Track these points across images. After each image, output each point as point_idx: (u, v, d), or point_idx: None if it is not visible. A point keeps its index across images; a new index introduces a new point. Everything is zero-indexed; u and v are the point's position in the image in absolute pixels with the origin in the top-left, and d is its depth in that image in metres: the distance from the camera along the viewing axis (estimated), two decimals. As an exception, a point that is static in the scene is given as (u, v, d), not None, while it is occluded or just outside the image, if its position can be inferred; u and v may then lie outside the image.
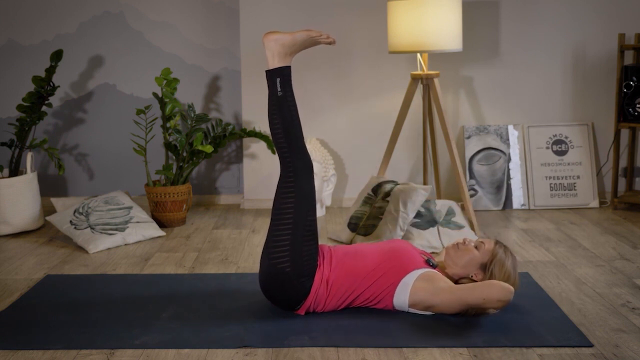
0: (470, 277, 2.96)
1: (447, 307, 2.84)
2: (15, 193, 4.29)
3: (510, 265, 2.95)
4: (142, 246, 4.06)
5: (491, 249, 2.97)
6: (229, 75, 4.97)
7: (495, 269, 2.92)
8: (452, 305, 2.83)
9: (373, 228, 3.97)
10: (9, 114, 4.93)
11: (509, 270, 2.94)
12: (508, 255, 2.97)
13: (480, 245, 2.98)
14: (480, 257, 2.96)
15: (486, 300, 2.76)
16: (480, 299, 2.77)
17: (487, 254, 2.96)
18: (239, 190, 5.10)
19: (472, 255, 2.96)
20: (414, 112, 4.74)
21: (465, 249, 2.99)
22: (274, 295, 2.97)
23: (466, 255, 2.97)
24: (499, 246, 2.99)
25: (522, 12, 4.81)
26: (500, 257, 2.94)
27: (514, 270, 2.96)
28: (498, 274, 2.92)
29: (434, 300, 2.85)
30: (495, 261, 2.93)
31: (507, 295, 2.76)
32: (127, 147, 4.88)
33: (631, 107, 4.60)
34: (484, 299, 2.76)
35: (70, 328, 2.87)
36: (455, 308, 2.84)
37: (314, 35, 2.97)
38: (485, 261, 2.95)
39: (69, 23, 4.90)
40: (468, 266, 2.96)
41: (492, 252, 2.96)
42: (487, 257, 2.95)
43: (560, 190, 4.82)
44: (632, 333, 2.76)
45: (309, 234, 2.91)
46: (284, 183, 2.94)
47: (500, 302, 2.76)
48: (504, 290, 2.76)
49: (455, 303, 2.82)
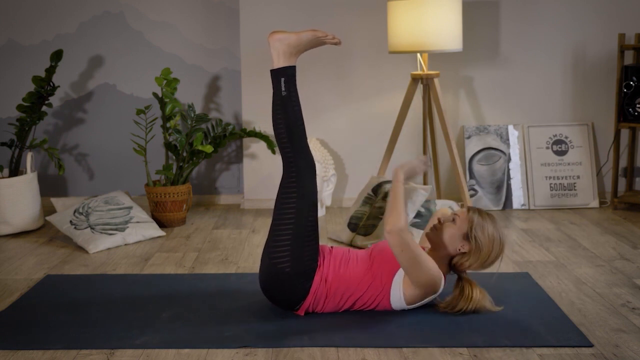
0: (458, 251, 2.95)
1: (420, 275, 2.84)
2: (15, 193, 4.29)
3: (491, 225, 2.94)
4: (142, 246, 4.06)
5: (466, 217, 2.96)
6: (229, 75, 4.97)
7: (478, 234, 2.92)
8: (417, 272, 2.83)
9: (373, 228, 3.97)
10: (9, 114, 4.93)
11: (491, 231, 2.93)
12: (484, 217, 2.96)
13: (456, 218, 2.97)
14: (459, 228, 2.94)
15: (400, 246, 2.79)
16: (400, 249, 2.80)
17: (464, 223, 2.94)
18: (239, 190, 5.10)
19: (451, 231, 2.95)
20: (414, 112, 4.74)
21: (442, 227, 2.98)
22: (273, 295, 2.97)
23: (446, 232, 2.96)
24: (473, 211, 2.97)
25: (522, 12, 4.81)
26: (477, 222, 2.93)
27: (497, 230, 2.95)
28: (482, 238, 2.91)
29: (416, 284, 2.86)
30: (474, 227, 2.92)
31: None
32: (127, 147, 4.88)
33: (631, 107, 4.60)
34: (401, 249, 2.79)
35: (70, 328, 2.87)
36: (419, 269, 2.83)
37: (319, 35, 2.96)
38: (465, 230, 2.93)
39: (69, 23, 4.90)
40: (451, 242, 2.95)
41: (469, 220, 2.94)
42: (465, 226, 2.94)
43: (560, 190, 4.82)
44: (632, 333, 2.76)
45: (310, 234, 2.92)
46: (287, 183, 2.94)
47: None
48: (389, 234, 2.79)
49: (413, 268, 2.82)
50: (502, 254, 2.96)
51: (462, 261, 2.94)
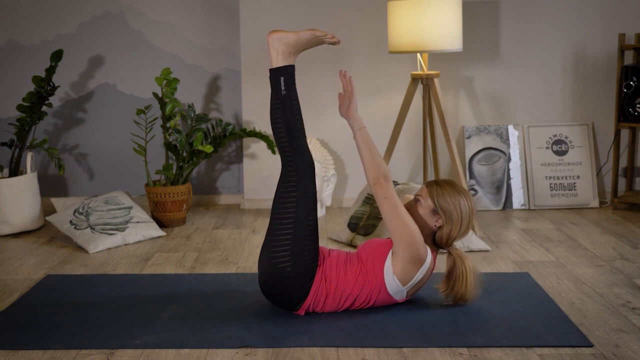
0: (435, 227, 2.96)
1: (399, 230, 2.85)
2: (15, 193, 4.29)
3: (451, 190, 2.95)
4: (142, 246, 4.06)
5: (427, 192, 2.97)
6: (229, 75, 4.97)
7: (442, 204, 2.93)
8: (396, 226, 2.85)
9: (373, 228, 3.97)
10: (9, 114, 4.93)
11: (453, 196, 2.94)
12: (442, 185, 2.97)
13: (419, 198, 2.99)
14: (425, 207, 2.96)
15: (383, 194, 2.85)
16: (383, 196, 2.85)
17: (427, 199, 2.96)
18: (239, 190, 5.10)
19: (420, 212, 2.96)
20: (414, 112, 4.74)
21: (411, 211, 2.97)
22: (273, 295, 2.97)
23: (415, 215, 2.96)
24: (430, 185, 2.99)
25: (522, 12, 4.81)
26: (436, 191, 2.95)
27: (458, 192, 2.96)
28: (448, 205, 2.92)
29: (400, 246, 2.85)
30: (436, 199, 2.94)
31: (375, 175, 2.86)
32: (127, 147, 4.88)
33: (631, 107, 4.60)
34: (384, 196, 2.85)
35: (70, 328, 2.87)
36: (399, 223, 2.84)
37: (318, 34, 2.97)
38: (432, 206, 2.94)
39: (69, 23, 4.90)
40: (425, 222, 2.95)
41: (430, 194, 2.95)
42: (429, 200, 2.95)
43: (560, 190, 4.82)
44: (632, 333, 2.76)
45: (310, 234, 2.91)
46: (286, 182, 2.94)
47: (380, 179, 2.85)
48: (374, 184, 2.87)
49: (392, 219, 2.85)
50: (473, 213, 2.98)
51: (443, 234, 2.95)
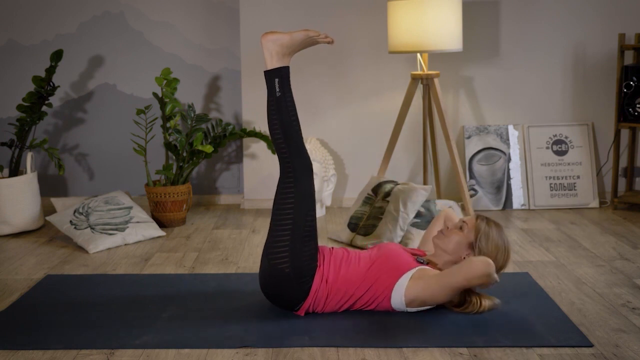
0: (462, 259, 2.94)
1: (439, 297, 2.84)
2: (15, 193, 4.29)
3: (496, 235, 2.93)
4: (142, 246, 4.06)
5: (474, 224, 2.95)
6: (229, 75, 4.97)
7: (482, 243, 2.91)
8: (442, 294, 2.82)
9: (373, 228, 3.97)
10: (9, 114, 4.93)
11: (495, 241, 2.92)
12: (491, 226, 2.95)
13: (464, 226, 2.97)
14: (466, 236, 2.95)
15: (468, 279, 2.75)
16: (464, 280, 2.76)
17: (471, 231, 2.95)
18: (239, 190, 5.10)
19: (458, 239, 2.95)
20: (414, 112, 4.74)
21: (449, 234, 2.98)
22: (273, 296, 2.97)
23: (452, 239, 2.96)
24: (481, 220, 2.97)
25: (522, 12, 4.81)
26: (484, 230, 2.93)
27: (502, 239, 2.94)
28: (486, 248, 2.91)
29: (426, 294, 2.85)
30: (479, 236, 2.92)
31: (487, 268, 2.73)
32: (127, 147, 4.88)
33: (631, 107, 4.60)
34: (466, 279, 2.75)
35: (70, 328, 2.87)
36: (447, 295, 2.82)
37: (312, 34, 2.97)
38: (472, 239, 2.94)
39: (69, 23, 4.90)
40: (457, 250, 2.95)
41: (476, 228, 2.94)
42: (472, 234, 2.94)
43: (560, 190, 4.82)
44: (632, 333, 2.76)
45: (309, 234, 2.91)
46: (284, 183, 2.94)
47: (484, 276, 2.73)
48: (482, 264, 2.74)
49: (444, 291, 2.81)
50: (506, 264, 2.96)
51: None
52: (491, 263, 2.76)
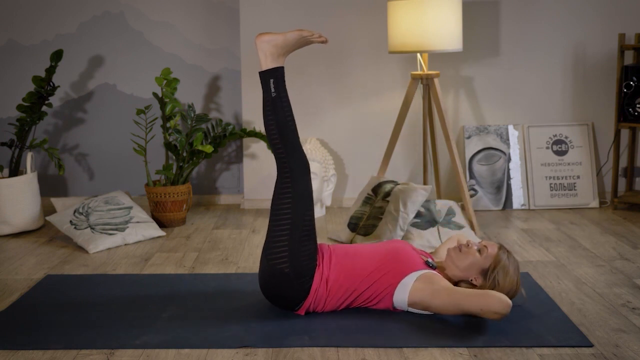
0: (469, 281, 2.94)
1: (444, 309, 2.83)
2: (15, 193, 4.29)
3: (514, 273, 2.91)
4: (142, 246, 4.06)
5: (494, 254, 2.93)
6: (229, 75, 4.97)
7: (499, 276, 2.89)
8: (448, 308, 2.82)
9: (373, 228, 3.97)
10: (9, 114, 4.93)
11: (512, 279, 2.91)
12: (511, 261, 2.93)
13: (483, 250, 2.95)
14: (482, 261, 2.93)
15: (483, 310, 2.73)
16: (477, 309, 2.75)
17: (489, 259, 2.92)
18: (239, 190, 5.10)
19: (474, 259, 2.93)
20: (414, 112, 4.74)
21: (467, 252, 2.96)
22: (273, 296, 2.97)
23: (468, 258, 2.94)
24: (503, 252, 2.94)
25: (522, 12, 4.81)
26: (504, 264, 2.91)
27: (517, 276, 2.93)
28: (502, 282, 2.89)
29: (432, 302, 2.84)
30: (498, 268, 2.90)
31: (505, 309, 2.72)
32: (127, 147, 4.88)
33: (631, 107, 4.60)
34: (481, 309, 2.74)
35: (70, 328, 2.87)
36: (451, 311, 2.83)
37: (305, 34, 2.97)
38: (487, 267, 2.91)
39: (69, 23, 4.90)
40: (469, 270, 2.94)
41: (495, 259, 2.91)
42: (488, 262, 2.92)
43: (560, 190, 4.82)
44: (632, 333, 2.76)
45: (307, 233, 2.91)
46: (281, 183, 2.94)
47: (497, 314, 2.72)
48: (502, 303, 2.72)
49: (452, 307, 2.81)
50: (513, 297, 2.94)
51: (466, 287, 2.93)
52: (510, 305, 2.73)
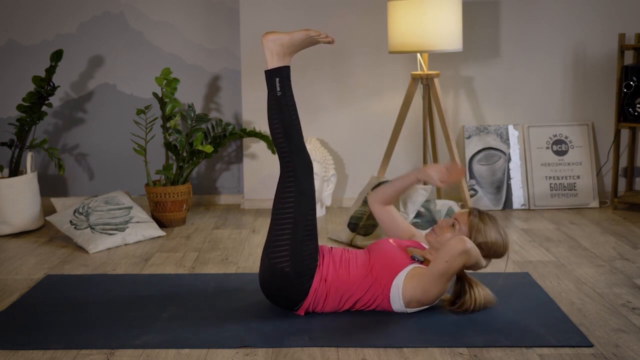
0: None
1: (432, 290, 2.83)
2: (15, 193, 4.29)
3: (490, 229, 2.92)
4: (142, 246, 4.06)
5: (466, 221, 2.94)
6: (229, 75, 4.97)
7: (478, 239, 2.90)
8: (433, 286, 2.82)
9: (373, 228, 3.97)
10: (9, 114, 4.93)
11: (490, 235, 2.91)
12: (485, 219, 2.93)
13: (456, 223, 2.95)
14: (459, 234, 2.92)
15: (449, 260, 2.75)
16: (444, 263, 2.76)
17: (464, 227, 2.93)
18: (239, 190, 5.10)
19: (449, 237, 2.93)
20: (414, 112, 4.74)
21: (441, 232, 2.95)
22: (273, 295, 2.97)
23: (445, 237, 2.93)
24: (474, 216, 2.95)
25: (522, 12, 4.81)
26: (477, 227, 2.91)
27: (497, 231, 2.93)
28: (483, 243, 2.89)
29: (419, 292, 2.84)
30: (474, 234, 2.90)
31: (462, 245, 2.74)
32: (127, 147, 4.88)
33: (631, 107, 4.60)
34: (446, 261, 2.76)
35: (70, 328, 2.87)
36: (437, 286, 2.82)
37: (312, 34, 2.97)
38: (466, 235, 2.91)
39: (69, 23, 4.90)
40: None
41: (469, 225, 2.92)
42: (465, 230, 2.93)
43: (560, 190, 4.82)
44: (632, 333, 2.76)
45: (309, 233, 2.91)
46: (284, 183, 2.94)
47: (462, 254, 2.75)
48: (456, 241, 2.75)
49: (433, 282, 2.81)
50: (504, 253, 2.97)
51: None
52: (464, 239, 2.77)
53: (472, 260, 2.81)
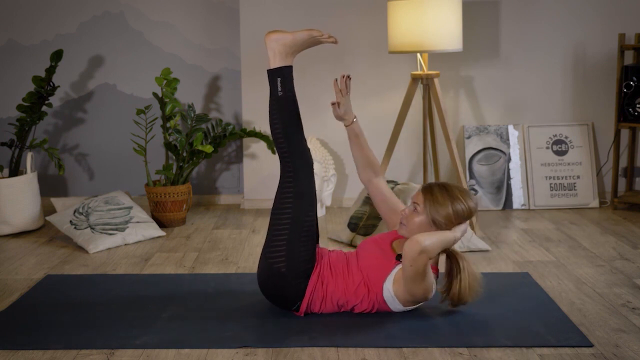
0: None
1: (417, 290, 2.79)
2: (15, 193, 4.29)
3: (442, 195, 2.83)
4: (142, 246, 4.06)
5: (422, 199, 2.85)
6: (229, 75, 4.97)
7: (435, 213, 2.82)
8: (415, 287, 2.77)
9: (373, 228, 3.97)
10: (9, 114, 4.93)
11: (443, 202, 2.82)
12: (434, 192, 2.84)
13: (416, 205, 2.87)
14: (422, 216, 2.85)
15: (413, 264, 2.69)
16: (410, 268, 2.70)
17: (423, 207, 2.85)
18: (239, 190, 5.10)
19: (418, 220, 2.86)
20: (414, 112, 4.74)
21: (407, 220, 2.88)
22: (271, 295, 2.97)
23: (414, 224, 2.86)
24: (425, 192, 2.86)
25: (522, 12, 4.81)
26: (430, 200, 2.83)
27: (450, 195, 2.83)
28: (440, 214, 2.81)
29: (406, 293, 2.82)
30: (430, 213, 2.82)
31: (415, 245, 2.67)
32: (127, 147, 4.88)
33: (631, 107, 4.60)
34: (410, 265, 2.70)
35: (70, 328, 2.87)
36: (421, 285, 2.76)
37: (315, 34, 2.96)
38: (427, 218, 2.84)
39: (69, 23, 4.90)
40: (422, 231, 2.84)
41: (425, 202, 2.84)
42: (426, 212, 2.84)
43: (560, 190, 4.82)
44: (632, 333, 2.76)
45: (307, 234, 2.91)
46: (284, 183, 2.94)
47: (422, 253, 2.67)
48: (410, 244, 2.68)
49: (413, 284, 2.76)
50: (472, 213, 2.84)
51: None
52: (416, 238, 2.69)
53: (434, 252, 2.73)
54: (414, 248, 2.69)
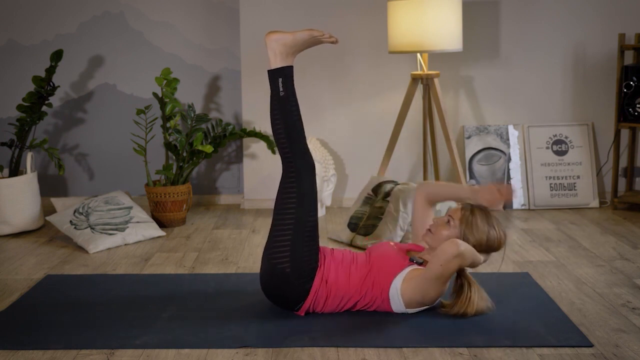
0: None
1: (430, 292, 2.82)
2: (15, 193, 4.29)
3: (482, 222, 2.87)
4: (142, 246, 4.06)
5: (459, 216, 2.90)
6: (229, 75, 4.97)
7: (469, 236, 2.87)
8: (431, 288, 2.80)
9: (373, 228, 3.97)
10: (9, 114, 4.93)
11: (481, 228, 2.87)
12: (476, 214, 2.89)
13: (450, 220, 2.91)
14: (454, 230, 2.89)
15: (443, 264, 2.73)
16: (439, 267, 2.73)
17: (457, 224, 2.89)
18: (239, 190, 5.10)
19: (447, 234, 2.90)
20: (414, 112, 4.74)
21: (437, 230, 2.92)
22: (274, 296, 2.97)
23: (442, 236, 2.90)
24: (466, 210, 2.91)
25: (522, 12, 4.81)
26: (469, 221, 2.87)
27: (490, 224, 2.88)
28: (474, 238, 2.86)
29: (418, 294, 2.84)
30: (465, 229, 2.87)
31: (454, 247, 2.71)
32: (127, 147, 4.88)
33: (631, 107, 4.60)
34: (441, 265, 2.73)
35: (70, 328, 2.87)
36: (436, 288, 2.80)
37: (316, 34, 2.96)
38: (459, 234, 2.88)
39: (69, 23, 4.90)
40: None
41: (462, 220, 2.89)
42: (459, 226, 2.89)
43: (560, 190, 4.82)
44: (632, 333, 2.76)
45: (310, 234, 2.91)
46: (286, 183, 2.93)
47: (457, 257, 2.71)
48: (449, 245, 2.72)
49: (431, 285, 2.79)
50: (501, 246, 2.91)
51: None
52: (457, 241, 2.74)
53: (466, 261, 2.79)
54: (452, 249, 2.73)
